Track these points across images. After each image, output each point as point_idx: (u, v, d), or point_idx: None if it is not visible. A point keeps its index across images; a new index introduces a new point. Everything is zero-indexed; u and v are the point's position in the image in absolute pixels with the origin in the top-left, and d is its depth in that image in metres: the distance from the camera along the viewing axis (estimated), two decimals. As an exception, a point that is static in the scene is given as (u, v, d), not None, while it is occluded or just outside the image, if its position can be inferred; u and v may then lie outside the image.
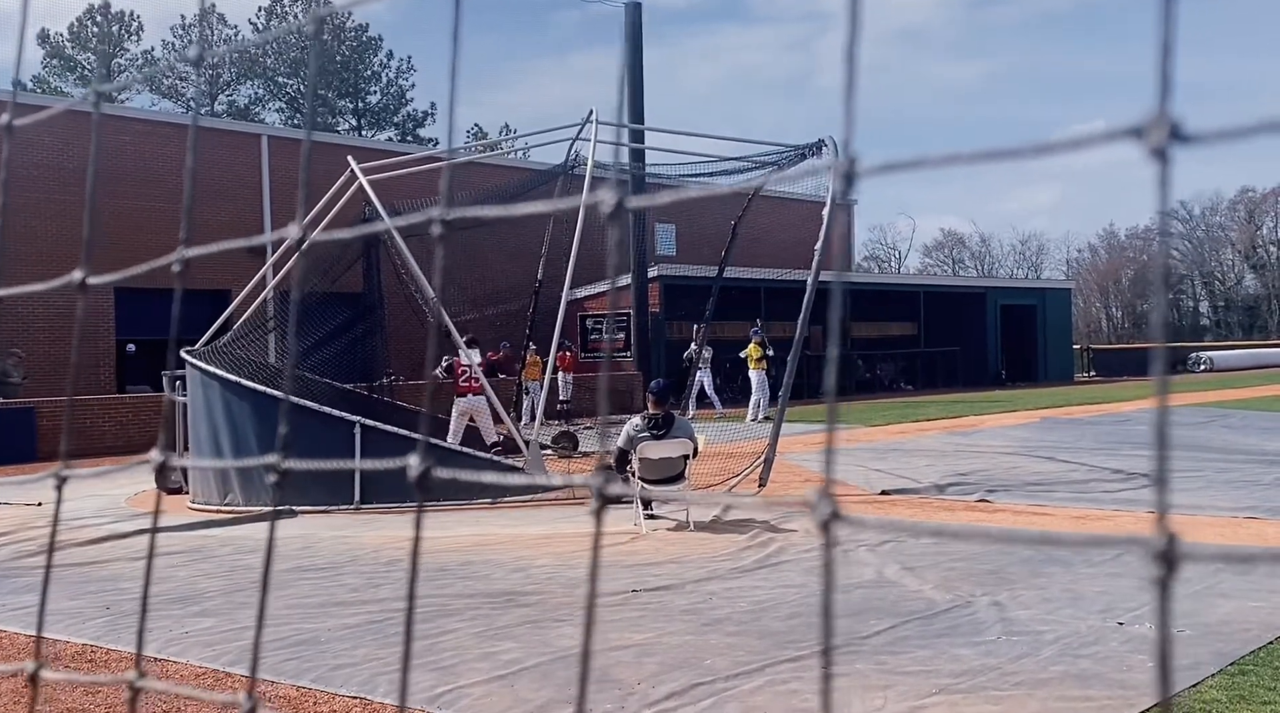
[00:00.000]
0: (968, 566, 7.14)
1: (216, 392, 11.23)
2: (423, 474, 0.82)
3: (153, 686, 1.13)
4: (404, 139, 52.52)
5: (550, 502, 10.79)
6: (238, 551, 8.50)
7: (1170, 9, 0.57)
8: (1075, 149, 0.62)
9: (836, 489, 0.71)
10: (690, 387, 18.33)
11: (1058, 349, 38.22)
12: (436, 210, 0.86)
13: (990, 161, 0.64)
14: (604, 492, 0.74)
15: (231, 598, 6.78)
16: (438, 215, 0.85)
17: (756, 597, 6.49)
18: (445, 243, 0.85)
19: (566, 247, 12.64)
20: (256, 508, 10.61)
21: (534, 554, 8.03)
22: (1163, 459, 0.59)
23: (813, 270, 10.97)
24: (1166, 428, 0.58)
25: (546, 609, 6.29)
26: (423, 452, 0.83)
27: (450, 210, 0.84)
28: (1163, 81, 0.57)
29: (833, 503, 0.68)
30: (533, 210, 0.91)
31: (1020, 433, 16.94)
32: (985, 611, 6.00)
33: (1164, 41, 0.57)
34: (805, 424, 18.70)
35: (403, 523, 9.85)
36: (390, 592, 6.87)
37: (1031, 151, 0.63)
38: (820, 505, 0.69)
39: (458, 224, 0.83)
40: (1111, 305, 74.36)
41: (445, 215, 0.85)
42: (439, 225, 0.85)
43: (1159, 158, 0.58)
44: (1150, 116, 0.57)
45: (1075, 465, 12.56)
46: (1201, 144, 0.57)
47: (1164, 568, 0.58)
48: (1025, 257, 75.62)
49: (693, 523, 8.97)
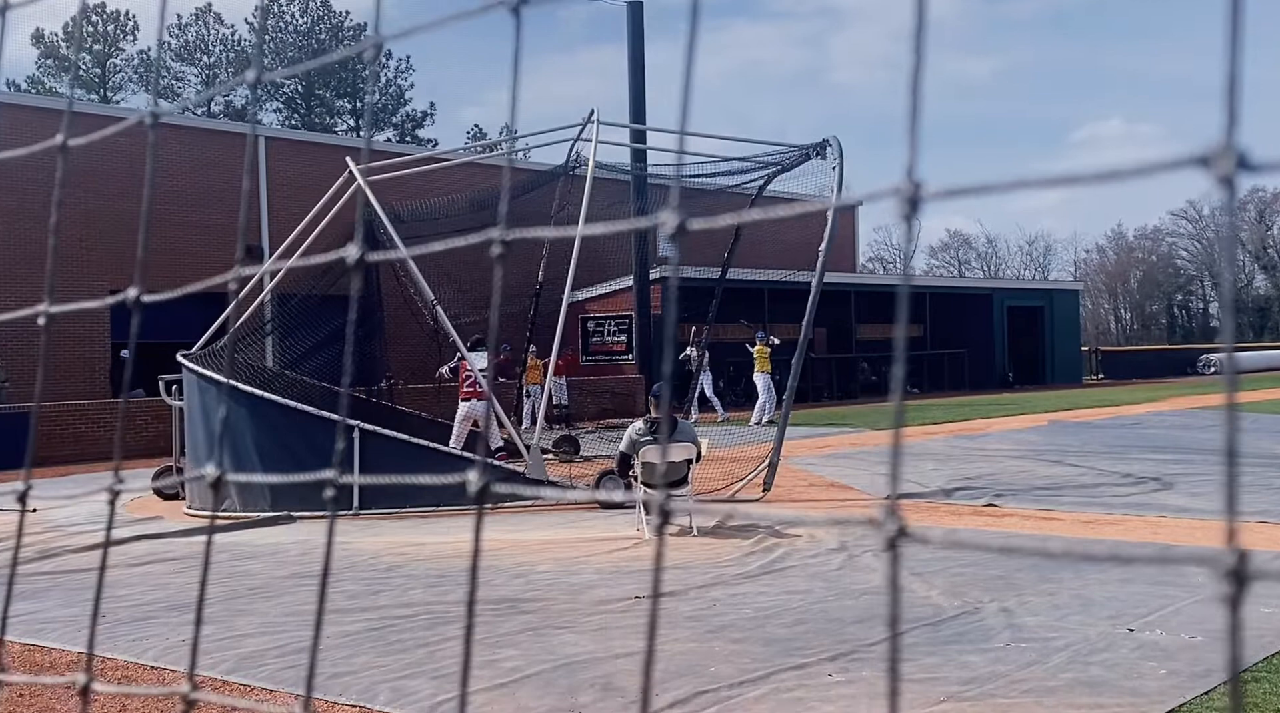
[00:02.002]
0: (975, 571, 7.13)
1: (213, 396, 11.24)
2: (482, 490, 0.82)
3: (207, 698, 1.13)
4: (403, 139, 52.60)
5: (551, 507, 10.79)
6: (235, 557, 8.50)
7: (1237, 41, 0.58)
8: (1139, 176, 0.63)
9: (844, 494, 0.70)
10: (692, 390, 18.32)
11: (1065, 351, 38.20)
12: (496, 231, 0.85)
13: (1051, 186, 0.65)
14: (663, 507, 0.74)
15: (229, 605, 6.77)
16: (498, 236, 0.84)
17: (761, 603, 6.48)
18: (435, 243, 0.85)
19: (568, 248, 12.65)
20: (254, 514, 10.61)
21: (535, 560, 8.03)
22: (1232, 475, 0.58)
23: (817, 272, 10.96)
24: (1235, 440, 0.57)
25: (548, 616, 6.29)
26: (482, 467, 0.83)
27: (511, 231, 0.83)
28: (1230, 112, 0.61)
29: (900, 520, 0.68)
30: (593, 232, 0.91)
31: (1028, 436, 16.92)
32: (993, 617, 5.99)
33: (1230, 74, 0.59)
34: (810, 427, 18.69)
35: (402, 528, 9.84)
36: (390, 599, 6.87)
37: (1093, 177, 0.63)
38: (887, 523, 0.68)
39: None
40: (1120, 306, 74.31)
41: (505, 236, 0.84)
42: (499, 245, 0.85)
43: (1226, 186, 0.61)
44: (1217, 146, 0.61)
45: (1084, 469, 12.55)
46: (1265, 172, 0.60)
47: (1235, 586, 0.57)
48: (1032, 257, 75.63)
49: (696, 528, 8.97)
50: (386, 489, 10.68)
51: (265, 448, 10.69)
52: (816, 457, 14.51)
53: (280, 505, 10.54)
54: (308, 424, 10.79)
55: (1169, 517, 9.20)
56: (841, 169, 11.44)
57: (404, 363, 16.30)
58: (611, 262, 24.62)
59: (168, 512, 11.28)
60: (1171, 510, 9.47)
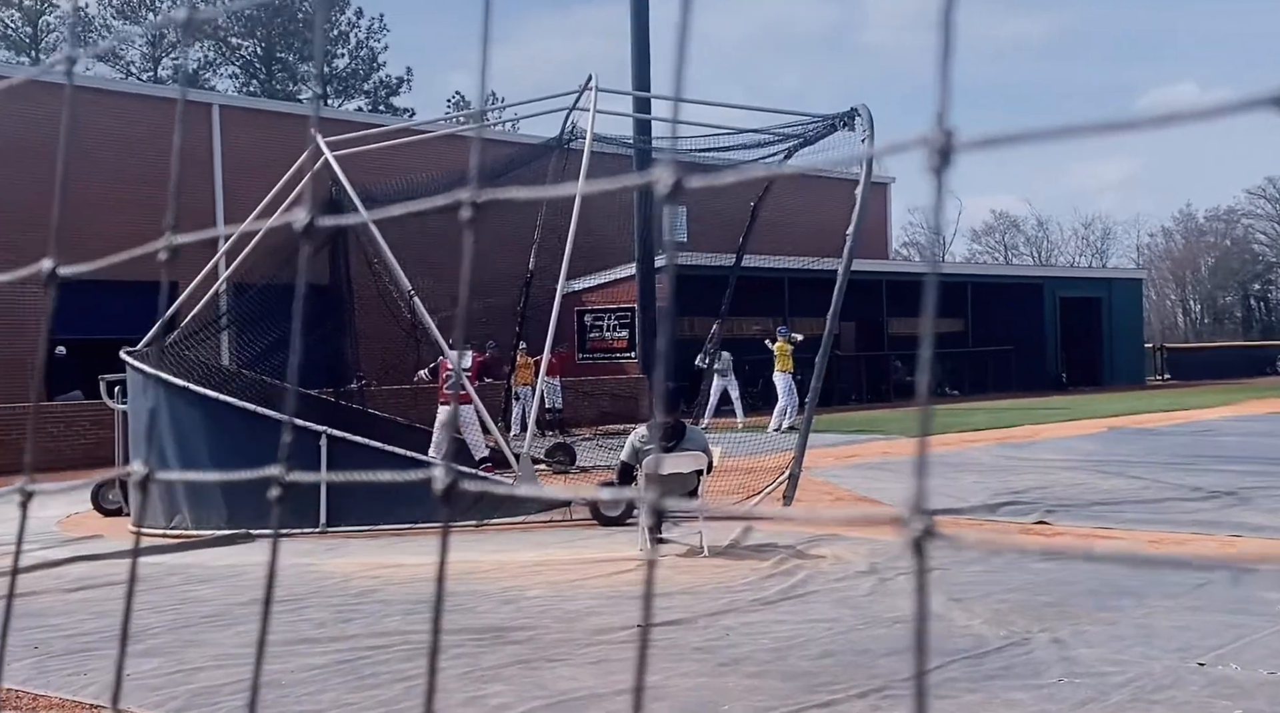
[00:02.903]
0: (1023, 597, 7.13)
1: (162, 398, 11.26)
2: (449, 489, 0.82)
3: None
4: (375, 109, 52.62)
5: (542, 524, 10.79)
6: (187, 580, 8.51)
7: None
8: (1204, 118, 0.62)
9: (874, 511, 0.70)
10: (704, 393, 18.34)
11: (1126, 348, 38.19)
12: (466, 192, 0.85)
13: (1104, 133, 0.64)
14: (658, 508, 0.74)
15: (179, 635, 6.78)
16: (467, 197, 0.84)
17: (781, 633, 6.49)
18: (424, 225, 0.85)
19: (562, 232, 12.66)
20: (208, 531, 10.63)
21: (525, 584, 8.03)
22: None
23: (844, 258, 10.96)
24: None
25: (540, 647, 6.29)
26: (448, 464, 0.83)
27: (481, 191, 0.83)
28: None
29: (927, 519, 0.68)
30: (569, 192, 0.91)
31: (1083, 445, 16.91)
32: (1044, 649, 5.99)
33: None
34: (836, 434, 18.69)
35: (375, 548, 9.85)
36: (362, 627, 6.88)
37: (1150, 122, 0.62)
38: (913, 522, 0.68)
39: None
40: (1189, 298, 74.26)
41: (476, 197, 0.84)
42: (469, 208, 0.85)
43: None
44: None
45: (1147, 483, 12.54)
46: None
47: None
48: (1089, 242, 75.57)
49: (707, 548, 8.97)
50: (357, 505, 10.70)
51: (221, 457, 10.71)
52: (843, 468, 14.51)
53: (237, 523, 10.55)
54: (270, 430, 10.80)
55: (1244, 536, 9.19)
56: (872, 142, 11.43)
57: (378, 362, 16.32)
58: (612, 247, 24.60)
59: (109, 529, 11.29)
60: (1248, 529, 9.46)
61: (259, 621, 0.99)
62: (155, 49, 50.29)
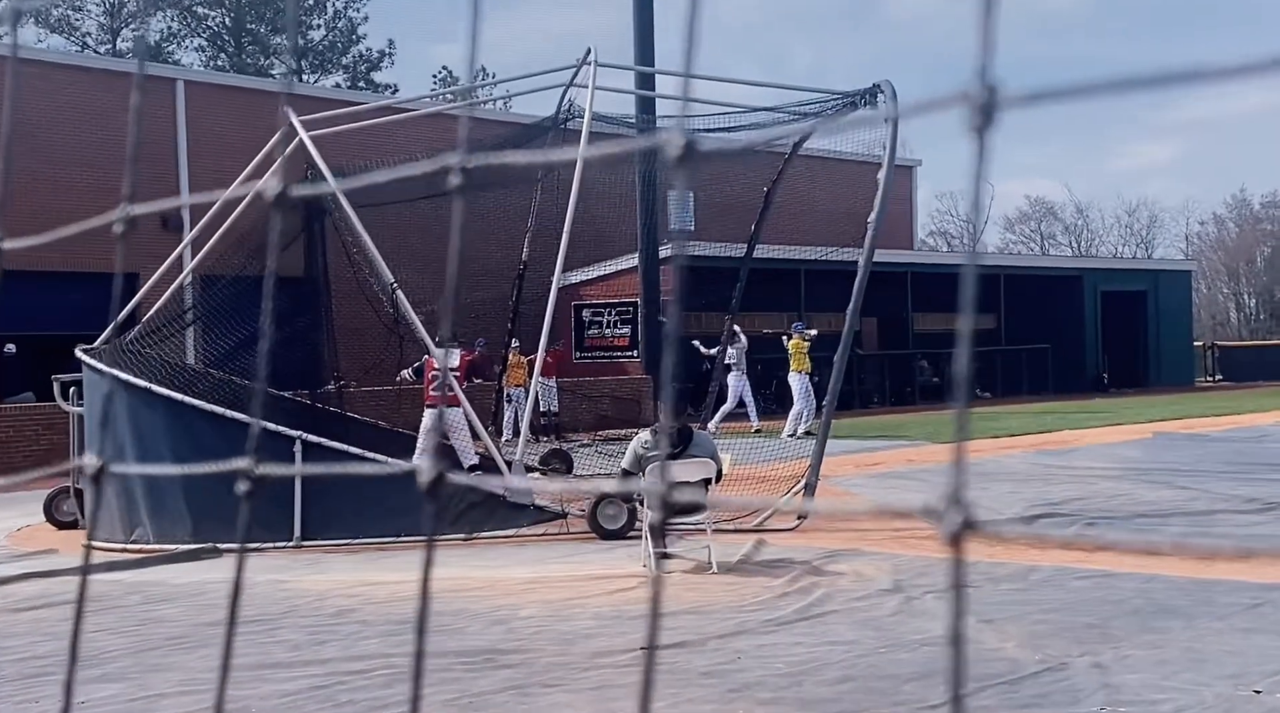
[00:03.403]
0: (1061, 618, 7.12)
1: (122, 400, 11.27)
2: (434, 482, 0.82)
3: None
4: (354, 85, 52.66)
5: (537, 538, 10.80)
6: (148, 600, 8.52)
7: None
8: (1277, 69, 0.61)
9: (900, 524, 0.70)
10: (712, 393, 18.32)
11: (1174, 347, 38.17)
12: (455, 157, 0.85)
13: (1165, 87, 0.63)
14: None
15: (141, 659, 6.79)
16: (456, 163, 0.84)
17: (796, 656, 6.49)
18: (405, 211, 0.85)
19: (559, 219, 12.66)
20: (171, 546, 10.64)
21: (518, 603, 8.04)
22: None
23: (866, 248, 10.96)
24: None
25: (534, 672, 6.29)
26: (435, 456, 0.82)
27: (471, 157, 0.83)
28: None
29: (965, 510, 0.67)
30: (567, 158, 0.91)
31: (1127, 452, 16.90)
32: (1084, 675, 5.98)
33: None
34: (857, 440, 18.70)
35: (353, 564, 9.86)
36: (338, 650, 6.88)
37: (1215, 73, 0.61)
38: (949, 514, 0.67)
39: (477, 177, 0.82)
40: (1242, 292, 74.13)
41: (466, 162, 0.84)
42: (458, 174, 0.84)
43: None
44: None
45: (1197, 493, 12.53)
46: None
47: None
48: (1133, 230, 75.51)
49: (715, 563, 8.97)
50: (334, 517, 10.71)
51: (186, 463, 10.72)
52: (864, 476, 14.51)
53: (203, 535, 10.57)
54: (239, 435, 10.81)
55: (1302, 551, 9.18)
56: (895, 123, 11.43)
57: (357, 361, 16.33)
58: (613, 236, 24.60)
59: (63, 544, 11.30)
60: (1305, 544, 9.46)
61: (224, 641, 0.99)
62: (113, 19, 50.30)
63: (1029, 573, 8.47)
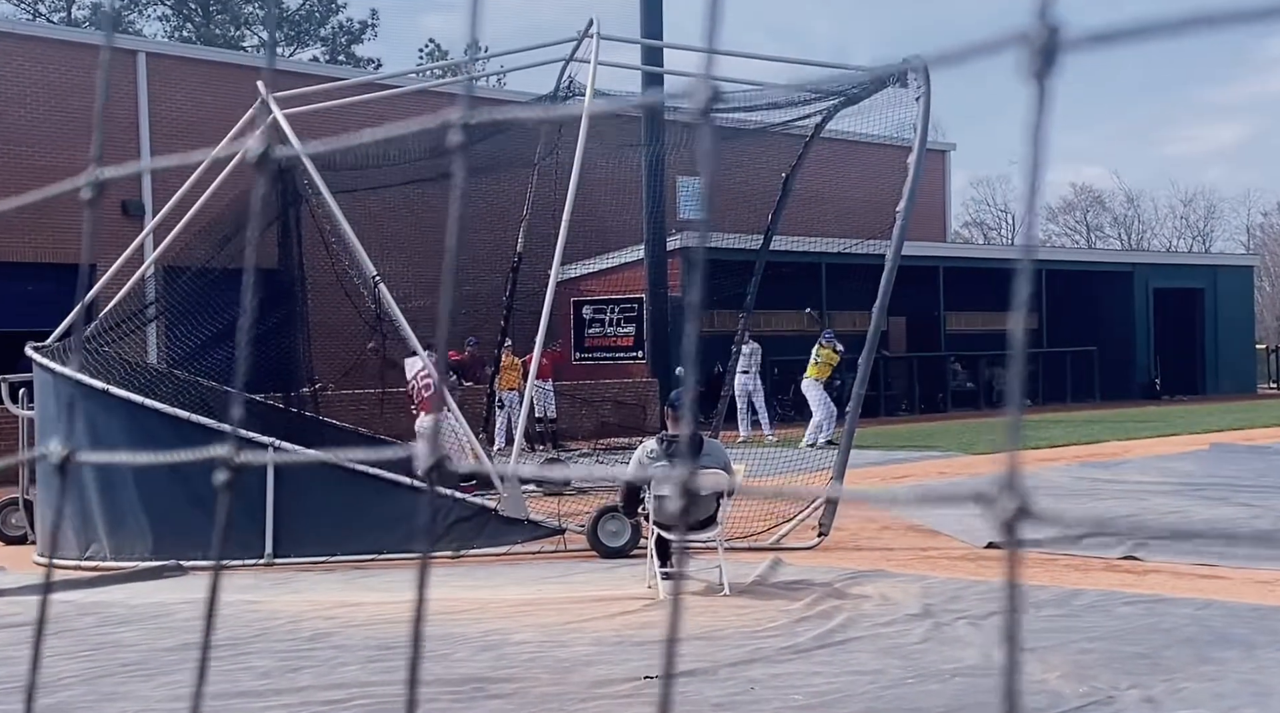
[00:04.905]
0: (1108, 647, 7.12)
1: (77, 403, 11.29)
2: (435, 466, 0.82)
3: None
4: (333, 60, 52.73)
5: (530, 557, 10.81)
6: (104, 622, 8.53)
7: None
8: None
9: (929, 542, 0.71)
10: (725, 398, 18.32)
11: (1234, 350, 38.13)
12: (455, 113, 0.85)
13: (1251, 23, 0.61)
14: None
15: (94, 687, 6.80)
16: (457, 119, 0.84)
17: (815, 687, 6.49)
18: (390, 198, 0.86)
19: (556, 209, 12.67)
20: (129, 564, 10.65)
21: (510, 627, 8.05)
22: None
23: (894, 240, 10.97)
24: None
25: (527, 702, 6.30)
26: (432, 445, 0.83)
27: (473, 113, 0.83)
28: None
29: (1020, 496, 0.67)
30: (571, 114, 0.92)
31: (1181, 465, 16.89)
32: (1133, 709, 5.98)
33: None
34: (882, 451, 18.70)
35: (329, 583, 9.87)
36: (314, 678, 6.89)
37: None
38: (1002, 500, 0.67)
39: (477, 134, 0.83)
40: (1308, 289, 74.03)
41: (468, 118, 0.84)
42: (459, 131, 0.84)
43: None
44: None
45: (1259, 510, 12.52)
46: None
47: None
48: (1189, 222, 75.49)
49: (728, 584, 8.98)
50: (310, 532, 10.72)
51: (147, 474, 10.74)
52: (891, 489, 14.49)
53: (164, 552, 10.58)
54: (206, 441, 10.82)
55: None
56: (928, 101, 11.44)
57: (334, 362, 16.34)
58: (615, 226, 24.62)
59: (11, 560, 11.33)
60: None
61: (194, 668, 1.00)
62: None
63: (1072, 598, 8.47)
